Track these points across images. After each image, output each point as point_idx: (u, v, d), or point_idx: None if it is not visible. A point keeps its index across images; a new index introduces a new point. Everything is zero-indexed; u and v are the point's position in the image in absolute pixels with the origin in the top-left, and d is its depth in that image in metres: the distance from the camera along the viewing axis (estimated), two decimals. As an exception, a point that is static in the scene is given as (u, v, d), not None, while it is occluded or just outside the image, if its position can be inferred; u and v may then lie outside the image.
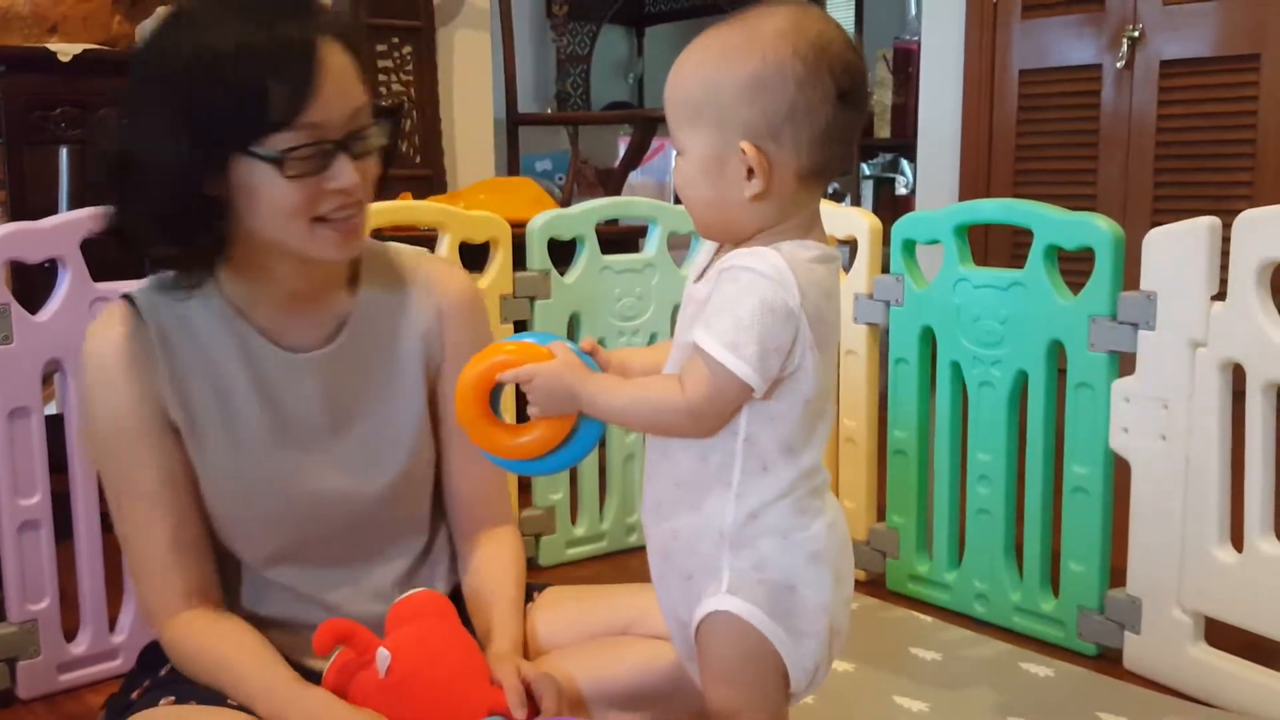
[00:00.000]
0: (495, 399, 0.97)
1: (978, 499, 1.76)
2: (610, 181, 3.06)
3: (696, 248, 2.12)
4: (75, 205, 2.21)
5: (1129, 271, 1.56)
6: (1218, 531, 1.50)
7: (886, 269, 1.87)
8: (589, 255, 1.98)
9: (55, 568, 1.51)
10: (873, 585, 1.92)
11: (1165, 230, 1.52)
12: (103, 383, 1.06)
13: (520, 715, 0.99)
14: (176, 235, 1.03)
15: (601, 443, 1.00)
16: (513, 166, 3.21)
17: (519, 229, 1.93)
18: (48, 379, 1.51)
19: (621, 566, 2.02)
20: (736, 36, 0.89)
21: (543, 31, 5.28)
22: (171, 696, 1.04)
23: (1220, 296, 1.47)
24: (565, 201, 2.92)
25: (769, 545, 0.91)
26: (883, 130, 4.95)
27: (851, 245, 1.91)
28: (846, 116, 0.89)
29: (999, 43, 3.58)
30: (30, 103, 2.06)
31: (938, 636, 1.73)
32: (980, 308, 1.72)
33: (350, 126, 1.01)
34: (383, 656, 0.99)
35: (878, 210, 4.37)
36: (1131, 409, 1.56)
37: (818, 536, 0.92)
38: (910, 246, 1.84)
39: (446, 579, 1.19)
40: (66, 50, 2.10)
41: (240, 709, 1.01)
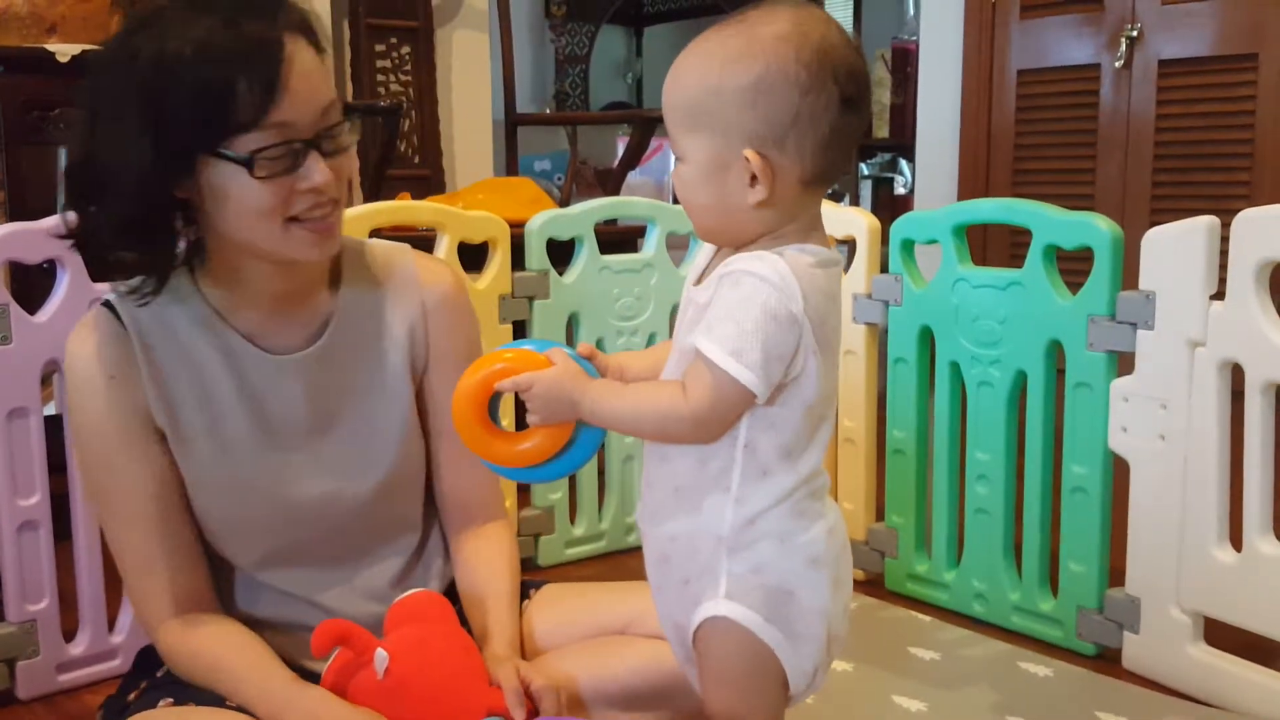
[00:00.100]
0: (494, 407, 0.96)
1: (976, 499, 1.76)
2: (609, 181, 3.05)
3: (695, 248, 2.12)
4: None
5: (1128, 271, 1.56)
6: (1217, 531, 1.50)
7: (885, 269, 1.87)
8: (588, 255, 1.98)
9: (54, 568, 1.51)
10: (871, 585, 1.92)
11: (1164, 230, 1.52)
12: (86, 391, 1.05)
13: (519, 716, 0.99)
14: (141, 240, 1.01)
15: (600, 444, 0.99)
16: (511, 166, 3.20)
17: (518, 229, 1.93)
18: (46, 379, 1.51)
19: (620, 566, 2.02)
20: (737, 41, 0.87)
21: (541, 32, 5.29)
22: (170, 698, 1.03)
23: (1219, 296, 1.47)
24: (564, 201, 2.91)
25: (767, 549, 0.90)
26: (881, 130, 4.96)
27: (850, 245, 1.91)
28: (849, 121, 0.88)
29: (997, 42, 3.58)
30: (29, 103, 2.06)
31: (936, 636, 1.73)
32: (979, 307, 1.72)
33: (320, 124, 0.99)
34: (381, 657, 0.99)
35: (876, 210, 4.38)
36: (1130, 409, 1.56)
37: (816, 540, 0.91)
38: (909, 246, 1.84)
39: (441, 576, 1.19)
40: (65, 51, 2.09)
41: (239, 710, 1.01)
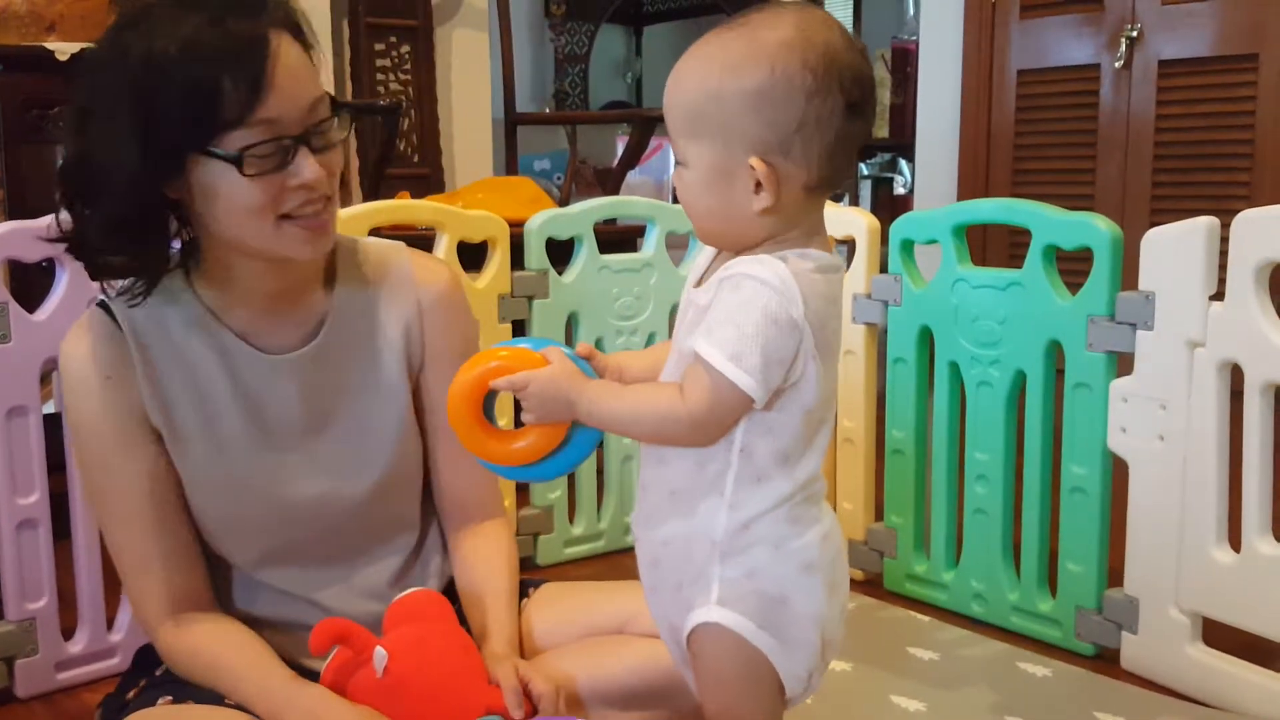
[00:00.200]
0: (489, 405, 0.95)
1: (975, 499, 1.76)
2: (608, 181, 3.05)
3: (695, 247, 2.12)
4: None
5: (1127, 271, 1.56)
6: (1215, 532, 1.50)
7: (884, 269, 1.87)
8: (587, 255, 1.98)
9: (53, 566, 1.51)
10: (870, 585, 1.92)
11: (1163, 230, 1.52)
12: (81, 392, 1.05)
13: (518, 715, 0.99)
14: (133, 240, 1.01)
15: (599, 443, 0.98)
16: (511, 166, 3.20)
17: (517, 228, 1.93)
18: (46, 378, 1.50)
19: (619, 566, 2.02)
20: (740, 46, 0.86)
21: (541, 31, 5.29)
22: (169, 696, 1.04)
23: (1219, 297, 1.47)
24: (563, 201, 2.91)
25: (761, 554, 0.89)
26: (881, 130, 4.96)
27: (849, 245, 1.91)
28: (855, 127, 0.87)
29: (997, 42, 3.58)
30: (28, 102, 2.06)
31: (935, 636, 1.73)
32: (978, 308, 1.72)
33: (309, 120, 0.99)
34: (380, 656, 0.99)
35: (876, 210, 4.38)
36: (1129, 409, 1.56)
37: (811, 546, 0.90)
38: (908, 246, 1.84)
39: (439, 575, 1.19)
40: (64, 49, 2.09)
41: (238, 708, 1.01)
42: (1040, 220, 1.64)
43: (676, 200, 2.41)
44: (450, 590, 1.17)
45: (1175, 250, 1.49)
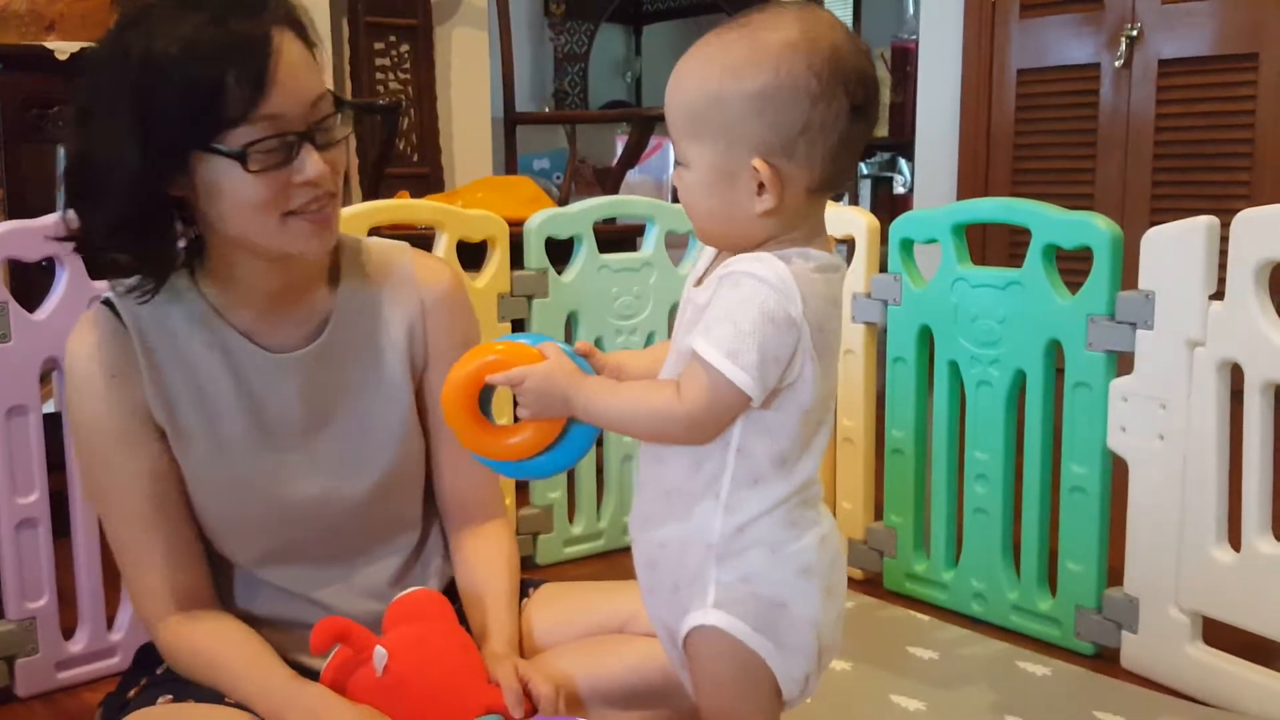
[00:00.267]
0: (486, 400, 0.95)
1: (975, 498, 1.76)
2: (608, 180, 3.05)
3: (694, 247, 2.12)
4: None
5: (1127, 271, 1.56)
6: (1215, 531, 1.50)
7: (884, 268, 1.87)
8: (586, 254, 1.98)
9: (53, 566, 1.51)
10: (870, 584, 1.92)
11: (1163, 230, 1.52)
12: (86, 389, 1.05)
13: (518, 714, 0.99)
14: (136, 239, 1.01)
15: (599, 442, 0.98)
16: (510, 165, 3.20)
17: (516, 228, 1.93)
18: (45, 377, 1.50)
19: (618, 565, 2.02)
20: (743, 47, 0.85)
21: (540, 30, 5.29)
22: (169, 695, 1.04)
23: (1219, 296, 1.47)
24: (563, 200, 2.91)
25: (757, 558, 0.89)
26: (880, 129, 4.96)
27: (849, 244, 1.91)
28: (859, 129, 0.87)
29: (997, 42, 3.58)
30: (28, 101, 2.06)
31: (935, 635, 1.73)
32: (978, 307, 1.72)
33: (312, 117, 0.99)
34: (380, 655, 0.99)
35: (875, 209, 4.38)
36: (1129, 408, 1.56)
37: (808, 550, 0.90)
38: (908, 245, 1.84)
39: (440, 575, 1.19)
40: (64, 48, 2.09)
41: (238, 707, 1.01)
42: (1040, 219, 1.64)
43: (676, 200, 2.41)
44: (451, 591, 1.17)
45: (1175, 249, 1.49)
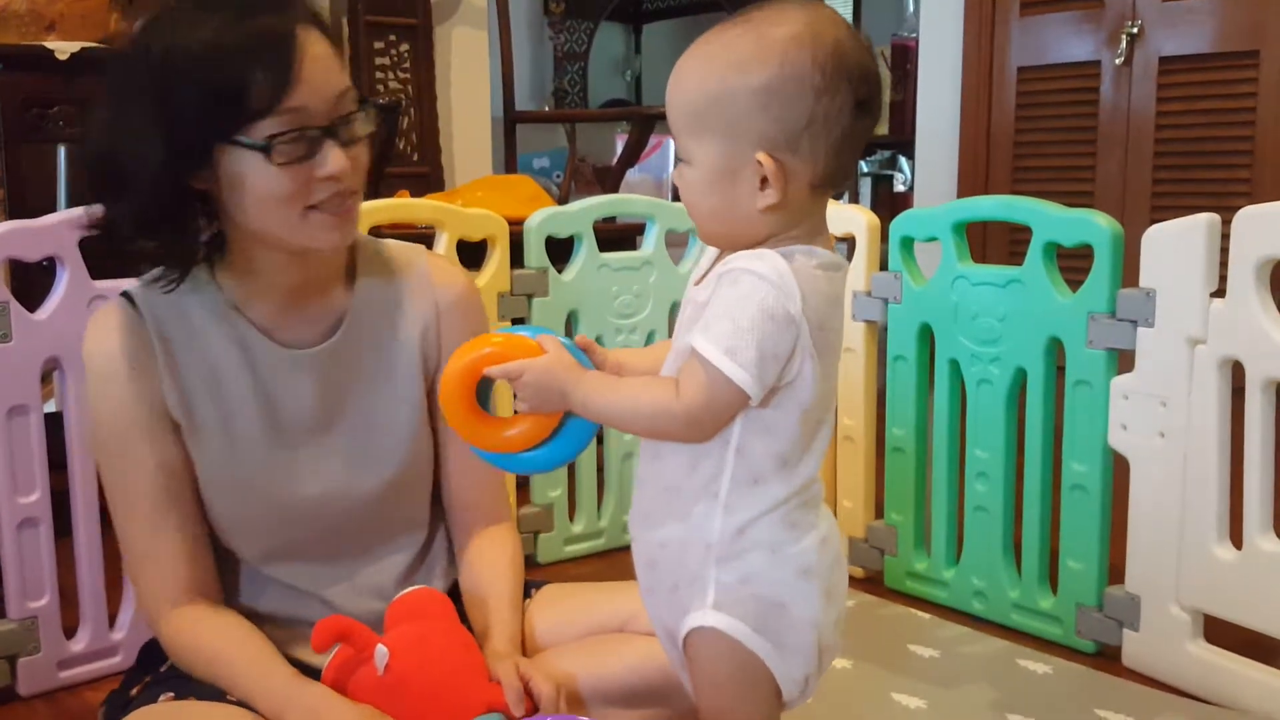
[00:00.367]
0: (485, 392, 0.95)
1: (976, 496, 1.76)
2: (608, 179, 3.05)
3: (694, 245, 2.12)
4: (73, 203, 2.21)
5: (1128, 268, 1.56)
6: (1216, 529, 1.50)
7: (884, 266, 1.87)
8: (586, 253, 1.98)
9: (55, 565, 1.51)
10: (871, 582, 1.92)
11: (1164, 227, 1.52)
12: (103, 381, 1.06)
13: (518, 712, 0.99)
14: (162, 231, 1.02)
15: (599, 439, 0.98)
16: (510, 164, 3.20)
17: (516, 227, 1.93)
18: (46, 377, 1.51)
19: (619, 564, 2.02)
20: (747, 42, 0.85)
21: (540, 29, 5.28)
22: (170, 692, 1.04)
23: (1219, 294, 1.47)
24: (563, 199, 2.91)
25: (757, 559, 0.89)
26: (881, 127, 4.95)
27: (849, 242, 1.91)
28: (862, 124, 0.87)
29: (997, 39, 3.58)
30: (28, 101, 2.06)
31: (936, 634, 1.73)
32: (979, 305, 1.72)
33: (335, 112, 1.01)
34: (381, 653, 0.99)
35: (876, 207, 4.37)
36: (1130, 406, 1.56)
37: (809, 551, 0.90)
38: (908, 244, 1.83)
39: (445, 577, 1.19)
40: (64, 48, 2.09)
41: (239, 704, 1.01)
42: (1040, 217, 1.64)
43: (676, 198, 2.41)
44: (455, 594, 1.18)
45: (1176, 247, 1.49)
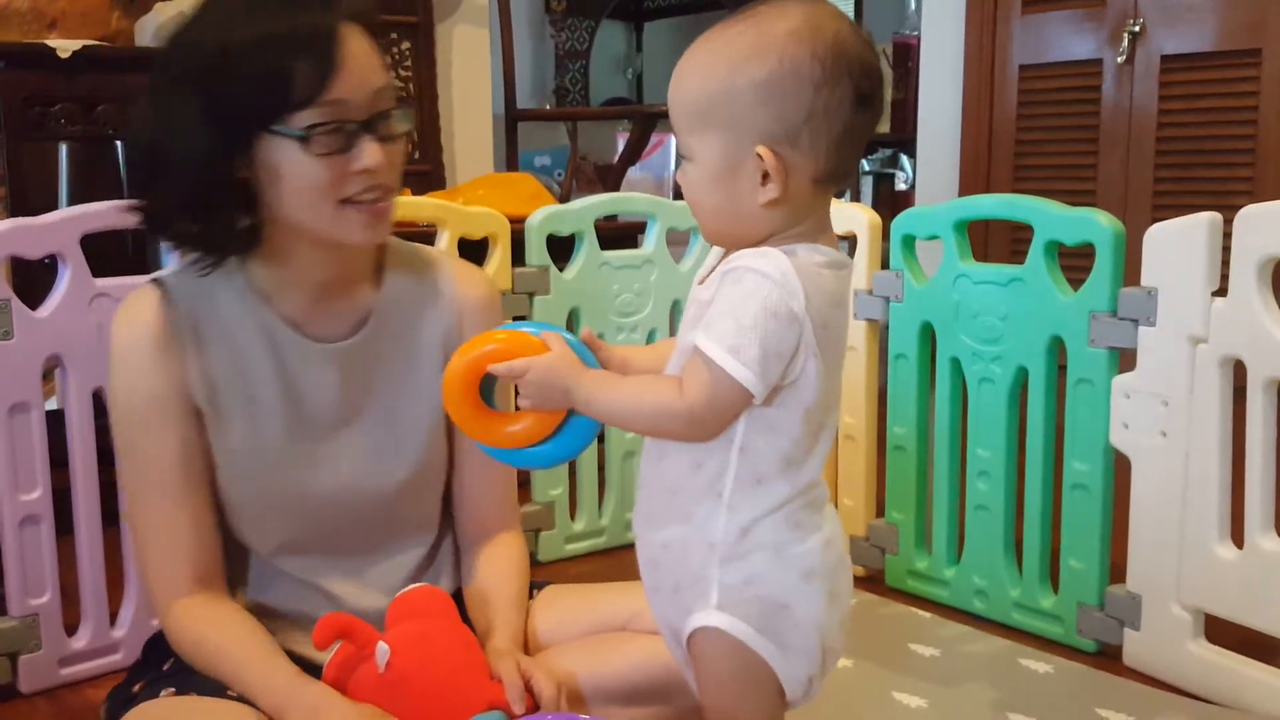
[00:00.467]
0: (490, 387, 0.95)
1: (977, 495, 1.76)
2: (609, 177, 3.05)
3: (695, 244, 2.12)
4: (75, 201, 2.21)
5: (1129, 267, 1.56)
6: (1218, 528, 1.50)
7: (886, 265, 1.87)
8: (588, 251, 1.98)
9: (56, 562, 1.51)
10: (872, 581, 1.92)
11: (1166, 226, 1.51)
12: (130, 364, 1.07)
13: (519, 710, 0.99)
14: (203, 216, 1.04)
15: (600, 438, 0.98)
16: (511, 162, 3.20)
17: (518, 225, 1.93)
18: (48, 374, 1.51)
19: (620, 562, 2.02)
20: (747, 38, 0.86)
21: (541, 27, 5.28)
22: (172, 688, 1.04)
23: (1221, 292, 1.47)
24: (564, 197, 2.91)
25: (761, 560, 0.89)
26: (882, 125, 4.95)
27: (851, 241, 1.91)
28: (863, 118, 0.87)
29: (999, 37, 3.57)
30: (30, 99, 2.06)
31: (937, 632, 1.73)
32: (980, 304, 1.72)
33: (374, 108, 1.03)
34: (382, 651, 0.99)
35: (877, 206, 4.37)
36: (1132, 405, 1.56)
37: (812, 552, 0.90)
38: (910, 242, 1.83)
39: (450, 580, 1.20)
40: (66, 46, 2.09)
41: (240, 700, 1.01)
42: (1042, 216, 1.64)
43: (677, 197, 2.40)
44: (459, 599, 1.18)
45: (1177, 246, 1.49)
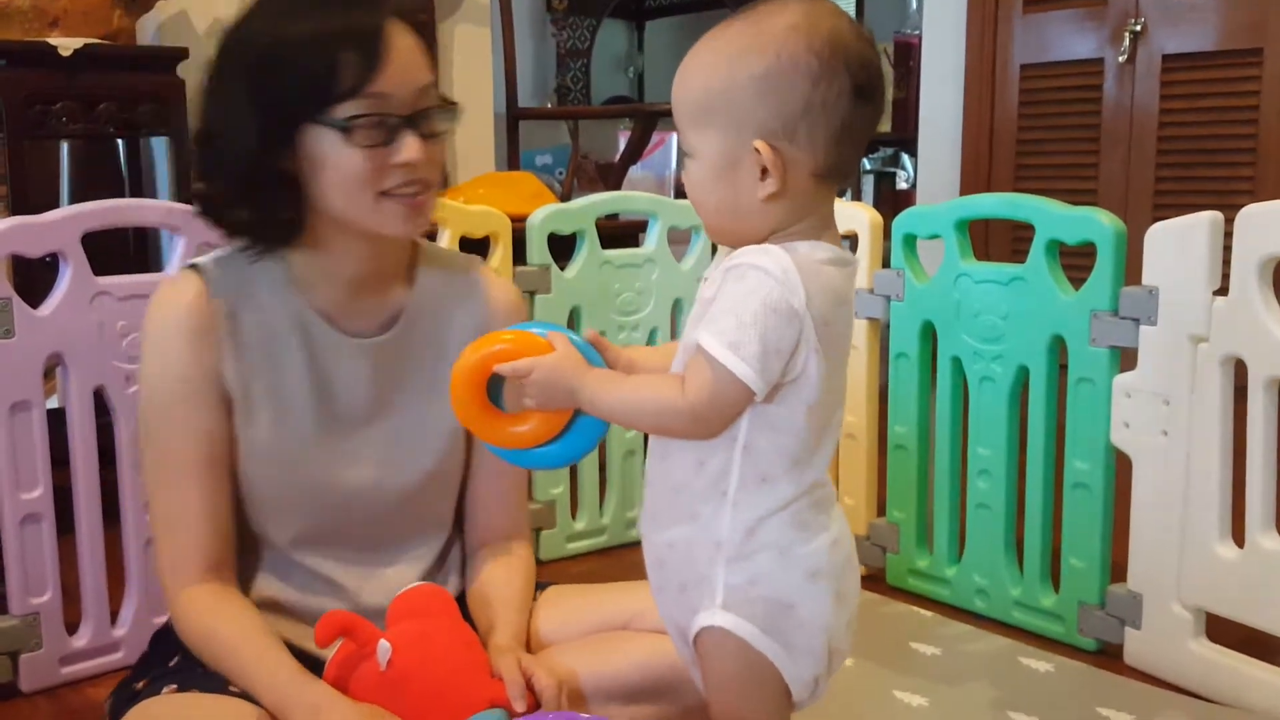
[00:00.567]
0: (498, 388, 0.95)
1: (978, 494, 1.76)
2: (610, 176, 3.05)
3: (697, 242, 2.12)
4: (76, 200, 2.21)
5: (1130, 266, 1.56)
6: (1219, 527, 1.50)
7: (887, 264, 1.87)
8: (589, 250, 1.98)
9: (57, 561, 1.51)
10: (873, 580, 1.92)
11: (1167, 225, 1.51)
12: (163, 346, 1.08)
13: (519, 707, 0.99)
14: (254, 204, 1.06)
15: (603, 434, 0.98)
16: (513, 161, 3.20)
17: (519, 224, 1.93)
18: (49, 373, 1.51)
19: (621, 561, 2.02)
20: (746, 34, 0.87)
21: (543, 26, 5.27)
22: (174, 684, 1.05)
23: (1222, 292, 1.47)
24: (565, 196, 2.91)
25: (766, 560, 0.89)
26: (883, 124, 4.95)
27: (852, 240, 1.91)
28: (862, 113, 0.87)
29: (1000, 37, 3.57)
30: (31, 97, 2.06)
31: (938, 631, 1.73)
32: (981, 303, 1.72)
33: (417, 104, 1.04)
34: (383, 649, 1.00)
35: (878, 205, 4.37)
36: (1133, 404, 1.56)
37: (818, 553, 0.90)
38: (911, 241, 1.83)
39: (458, 582, 1.21)
40: (67, 45, 2.09)
41: (242, 696, 1.02)
42: (1043, 215, 1.64)
43: (679, 195, 2.39)
44: (463, 602, 1.18)
45: (1179, 245, 1.49)
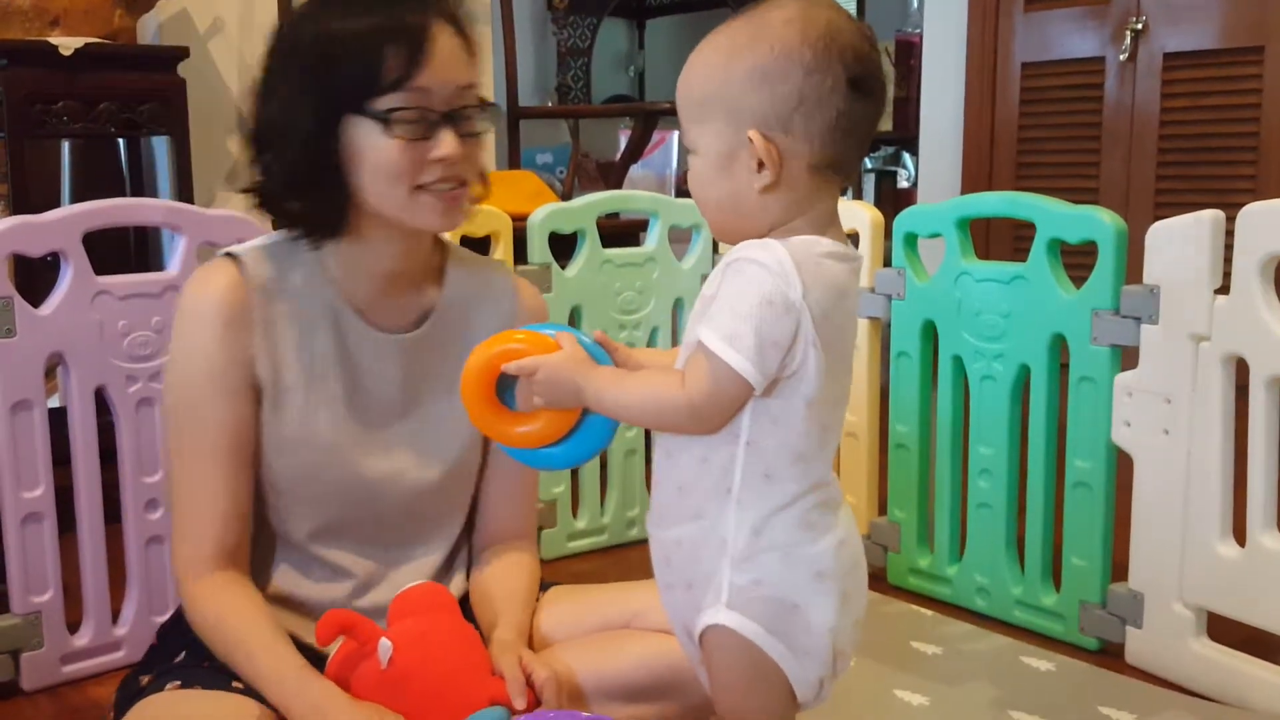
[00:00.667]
0: (509, 388, 0.96)
1: (979, 493, 1.76)
2: (611, 175, 3.05)
3: (697, 241, 2.12)
4: (77, 199, 2.21)
5: (1132, 265, 1.56)
6: (1220, 526, 1.50)
7: (888, 262, 1.87)
8: (590, 249, 1.98)
9: (58, 560, 1.51)
10: (874, 579, 1.91)
11: (1168, 224, 1.51)
12: (195, 333, 1.09)
13: (520, 705, 0.99)
14: (307, 196, 1.08)
15: (613, 434, 0.99)
16: (513, 160, 3.20)
17: (520, 222, 1.93)
18: (50, 372, 1.51)
19: (622, 560, 2.02)
20: (745, 30, 0.88)
21: (543, 25, 5.27)
22: (177, 681, 1.05)
23: (1223, 290, 1.47)
24: (566, 195, 2.91)
25: (771, 560, 0.89)
26: (884, 123, 4.94)
27: (853, 239, 1.91)
28: (860, 106, 0.87)
29: (1001, 35, 3.57)
30: (32, 96, 2.06)
31: (939, 630, 1.73)
32: (982, 301, 1.72)
33: (456, 102, 1.06)
34: (384, 647, 1.00)
35: (879, 203, 4.37)
36: (1134, 403, 1.56)
37: (824, 554, 0.90)
38: (912, 240, 1.83)
39: (462, 584, 1.21)
40: (68, 44, 2.09)
41: (244, 693, 1.02)
42: (1044, 214, 1.64)
43: (679, 194, 2.40)
44: (466, 603, 1.19)
45: (1180, 244, 1.49)
